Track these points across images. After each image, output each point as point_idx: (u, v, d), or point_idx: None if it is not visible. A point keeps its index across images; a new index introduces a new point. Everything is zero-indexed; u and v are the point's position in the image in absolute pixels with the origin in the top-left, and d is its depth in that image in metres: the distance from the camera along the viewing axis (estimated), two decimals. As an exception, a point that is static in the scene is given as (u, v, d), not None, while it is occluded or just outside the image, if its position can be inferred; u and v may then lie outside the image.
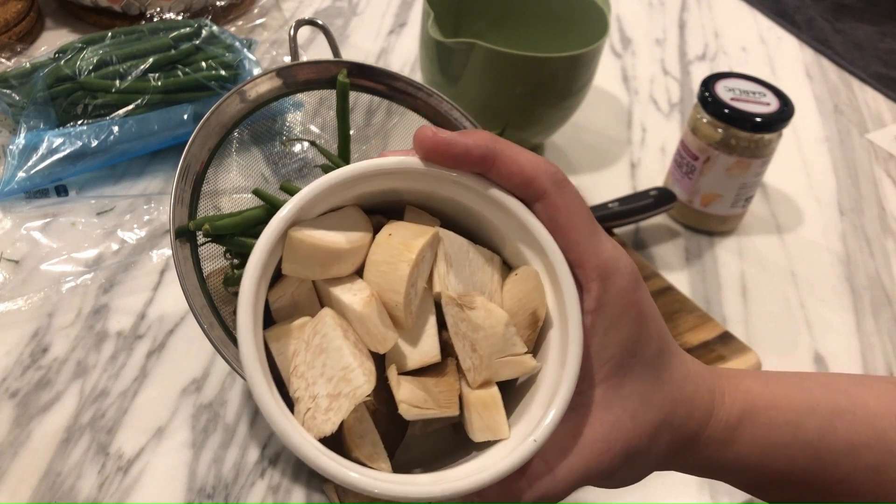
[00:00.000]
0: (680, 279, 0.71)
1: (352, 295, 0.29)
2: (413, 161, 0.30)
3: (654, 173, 0.83)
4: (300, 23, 0.60)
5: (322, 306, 0.31)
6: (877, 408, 0.35)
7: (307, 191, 0.29)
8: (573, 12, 0.81)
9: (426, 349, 0.30)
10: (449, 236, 0.31)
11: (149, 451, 0.53)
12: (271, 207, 0.51)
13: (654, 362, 0.32)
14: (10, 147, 0.68)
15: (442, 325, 0.31)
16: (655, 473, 0.57)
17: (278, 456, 0.53)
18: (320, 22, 0.61)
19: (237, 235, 0.50)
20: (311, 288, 0.31)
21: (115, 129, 0.70)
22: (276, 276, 0.30)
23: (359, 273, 0.31)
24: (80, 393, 0.55)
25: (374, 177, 0.30)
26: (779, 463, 0.35)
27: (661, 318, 0.33)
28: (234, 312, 0.51)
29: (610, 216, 0.72)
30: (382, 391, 0.30)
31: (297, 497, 0.51)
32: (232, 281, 0.51)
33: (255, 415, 0.55)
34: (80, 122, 0.70)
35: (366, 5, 1.04)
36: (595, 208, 0.72)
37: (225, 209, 0.54)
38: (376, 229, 0.31)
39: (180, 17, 0.84)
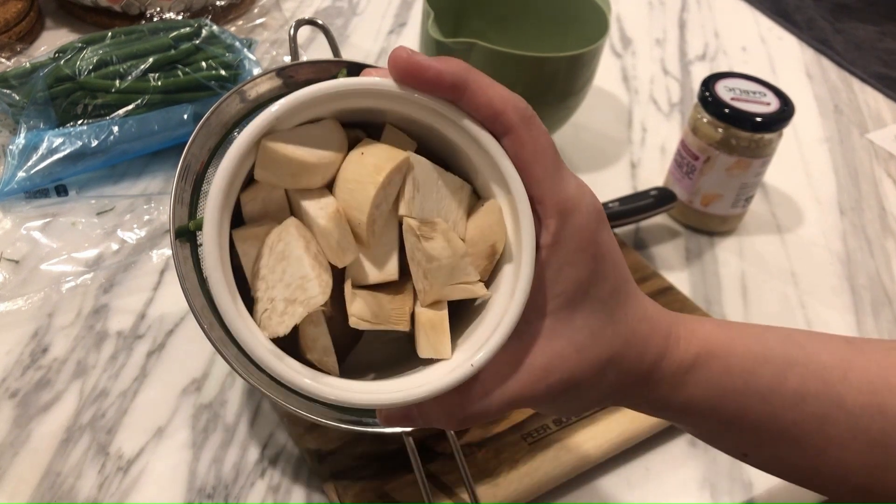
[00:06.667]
0: (680, 279, 0.71)
1: (318, 209, 0.31)
2: (389, 83, 0.31)
3: (654, 173, 0.83)
4: (300, 23, 0.60)
5: (292, 214, 0.32)
6: (829, 361, 0.36)
7: (283, 103, 0.30)
8: (573, 12, 0.81)
9: (385, 268, 0.32)
10: (420, 162, 0.32)
11: (149, 451, 0.53)
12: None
13: (608, 300, 0.33)
14: (10, 147, 0.68)
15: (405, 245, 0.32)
16: (655, 475, 0.57)
17: (278, 456, 0.53)
18: (320, 22, 0.61)
19: (237, 235, 0.50)
20: (283, 195, 0.32)
21: (115, 129, 0.70)
22: (251, 181, 0.32)
23: (330, 187, 0.32)
24: (80, 393, 0.55)
25: (351, 95, 0.31)
26: (730, 408, 0.36)
27: (622, 261, 0.34)
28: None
29: (610, 216, 0.72)
30: (341, 300, 0.32)
31: (297, 497, 0.51)
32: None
33: (255, 415, 0.55)
34: (80, 122, 0.70)
35: (366, 5, 1.04)
36: (595, 208, 0.72)
37: (225, 209, 0.54)
38: (352, 144, 0.32)
39: (180, 17, 0.84)
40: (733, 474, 0.56)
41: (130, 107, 0.71)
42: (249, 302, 0.31)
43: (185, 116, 0.72)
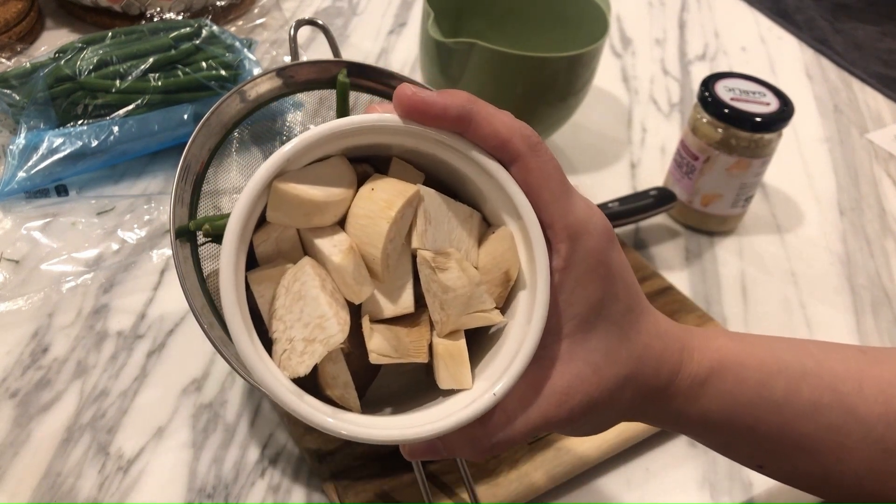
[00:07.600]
0: (680, 279, 0.71)
1: (332, 246, 0.31)
2: (395, 118, 0.31)
3: (654, 173, 0.83)
4: (300, 23, 0.60)
5: (305, 253, 0.32)
6: (842, 372, 0.36)
7: (292, 144, 0.30)
8: (573, 12, 0.81)
9: (401, 301, 0.32)
10: (430, 194, 0.32)
11: (149, 451, 0.53)
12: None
13: (621, 320, 0.33)
14: (11, 147, 0.68)
15: (419, 277, 0.32)
16: (654, 475, 0.57)
17: (278, 456, 0.53)
18: (320, 22, 0.61)
19: (237, 235, 0.50)
20: (295, 234, 0.32)
21: (115, 129, 0.70)
22: (263, 222, 0.32)
23: (341, 223, 0.32)
24: (80, 393, 0.55)
25: (358, 132, 0.31)
26: (745, 420, 0.36)
27: (633, 279, 0.34)
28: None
29: (610, 216, 0.72)
30: (358, 335, 0.32)
31: (297, 497, 0.51)
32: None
33: (255, 415, 0.55)
34: (80, 122, 0.70)
35: (366, 5, 1.04)
36: (595, 208, 0.72)
37: (225, 209, 0.54)
38: (361, 179, 0.32)
39: (180, 17, 0.84)
40: (733, 474, 0.56)
41: (130, 107, 0.71)
42: (266, 342, 0.31)
43: (185, 116, 0.72)
